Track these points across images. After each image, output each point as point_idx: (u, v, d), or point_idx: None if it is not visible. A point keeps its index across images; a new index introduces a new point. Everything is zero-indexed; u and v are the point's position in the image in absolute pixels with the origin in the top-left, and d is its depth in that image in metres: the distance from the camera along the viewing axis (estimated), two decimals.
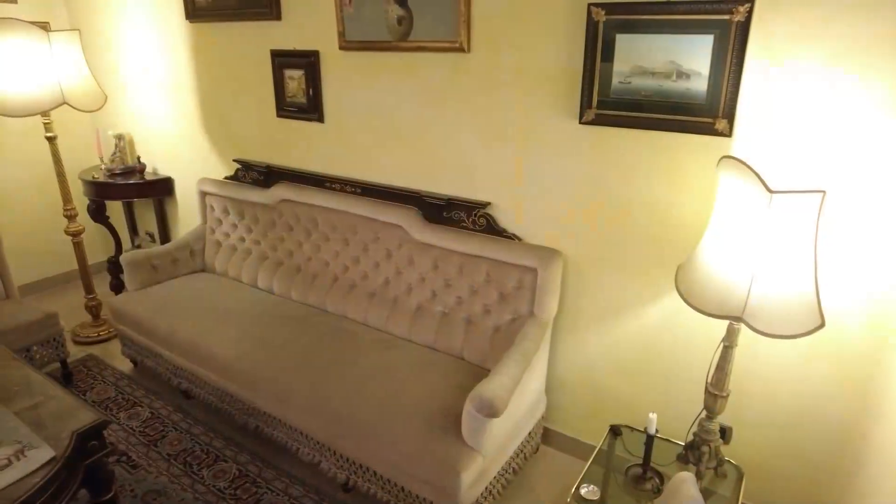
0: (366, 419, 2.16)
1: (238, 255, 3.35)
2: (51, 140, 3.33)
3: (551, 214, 2.39)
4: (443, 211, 2.63)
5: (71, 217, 3.49)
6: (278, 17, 2.97)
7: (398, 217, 2.71)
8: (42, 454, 1.55)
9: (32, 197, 4.17)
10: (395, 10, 2.54)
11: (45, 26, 4.03)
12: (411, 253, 2.68)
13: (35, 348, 3.04)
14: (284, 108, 3.11)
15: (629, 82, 2.10)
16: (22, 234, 4.04)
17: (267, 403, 2.48)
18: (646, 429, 2.00)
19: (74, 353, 3.44)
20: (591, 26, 2.09)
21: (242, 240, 3.35)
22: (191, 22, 3.39)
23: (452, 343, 2.54)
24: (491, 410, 1.93)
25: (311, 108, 2.98)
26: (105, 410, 2.99)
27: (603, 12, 2.06)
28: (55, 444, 1.59)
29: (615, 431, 2.27)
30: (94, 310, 3.67)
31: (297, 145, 3.15)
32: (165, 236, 4.14)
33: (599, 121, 2.17)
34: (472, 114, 2.47)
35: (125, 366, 3.36)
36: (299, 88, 3.00)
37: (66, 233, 3.52)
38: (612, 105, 2.14)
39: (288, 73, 3.02)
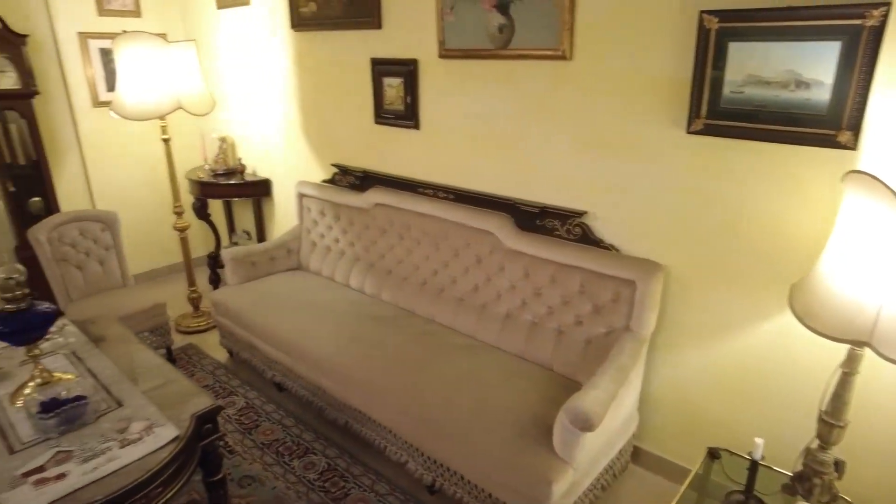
0: (456, 423, 2.18)
1: (332, 256, 3.48)
2: (166, 142, 3.60)
3: (652, 225, 2.33)
4: (536, 219, 2.62)
5: (179, 213, 3.75)
6: (379, 26, 3.07)
7: (490, 224, 2.73)
8: (167, 432, 1.67)
9: (145, 194, 4.52)
10: (497, 19, 2.57)
11: (163, 37, 4.36)
12: (502, 260, 2.69)
13: (146, 335, 3.28)
14: (382, 114, 3.20)
15: (742, 91, 2.02)
16: (136, 228, 4.37)
17: (358, 400, 2.55)
18: (750, 454, 1.90)
19: (177, 341, 3.68)
20: (703, 34, 2.03)
21: (337, 241, 3.48)
22: (296, 31, 3.57)
23: (542, 353, 2.52)
24: (586, 424, 1.90)
25: (408, 115, 3.06)
26: None
27: (716, 20, 2.00)
28: (177, 424, 1.71)
29: (713, 454, 2.17)
30: (195, 301, 3.91)
31: (393, 151, 3.24)
32: (261, 235, 4.36)
33: (708, 131, 2.10)
34: (572, 121, 2.46)
35: (222, 356, 3.56)
36: (397, 96, 3.08)
37: (175, 228, 3.78)
38: (722, 115, 2.06)
39: (387, 80, 3.11)
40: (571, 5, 2.32)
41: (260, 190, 4.16)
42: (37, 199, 3.96)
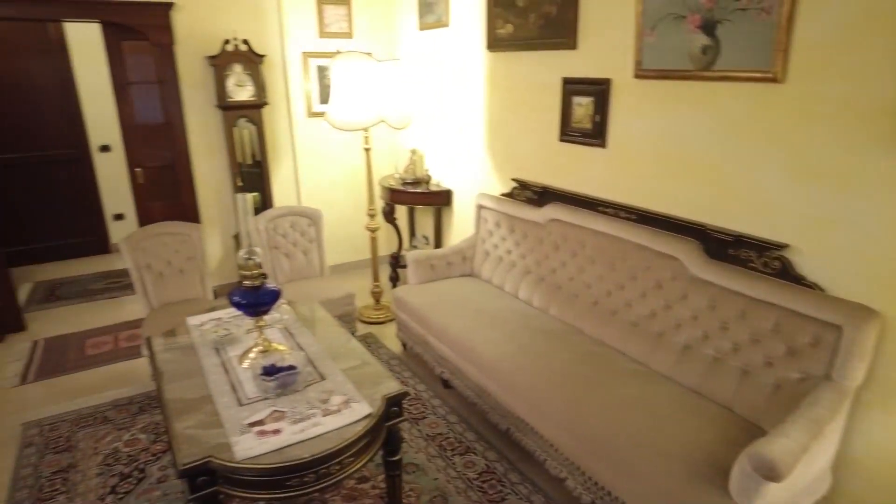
0: (622, 448, 2.14)
1: (504, 266, 3.60)
2: (367, 151, 4.00)
3: (868, 266, 2.08)
4: (728, 248, 2.48)
5: (371, 216, 4.14)
6: (574, 46, 3.12)
7: (675, 249, 2.63)
8: (362, 408, 1.89)
9: (343, 196, 5.06)
10: (701, 39, 2.48)
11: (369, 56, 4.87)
12: (686, 288, 2.58)
13: (335, 320, 3.66)
14: (568, 132, 3.25)
15: None
16: (333, 225, 4.89)
17: (522, 409, 2.61)
18: None
19: (359, 329, 4.05)
20: None
21: (509, 252, 3.59)
22: (490, 51, 3.76)
23: (722, 391, 2.37)
24: (771, 473, 1.76)
25: (596, 134, 3.07)
26: None
27: None
28: (370, 402, 1.91)
29: None
30: (377, 295, 4.29)
31: (576, 169, 3.27)
32: (438, 241, 4.64)
33: None
34: (779, 148, 2.29)
35: (396, 347, 3.85)
36: (586, 114, 3.11)
37: (366, 228, 4.18)
38: None
39: (576, 99, 3.15)
40: (788, 26, 2.17)
41: (442, 199, 4.44)
42: (256, 193, 4.63)
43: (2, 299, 4.26)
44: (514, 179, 3.69)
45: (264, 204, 4.62)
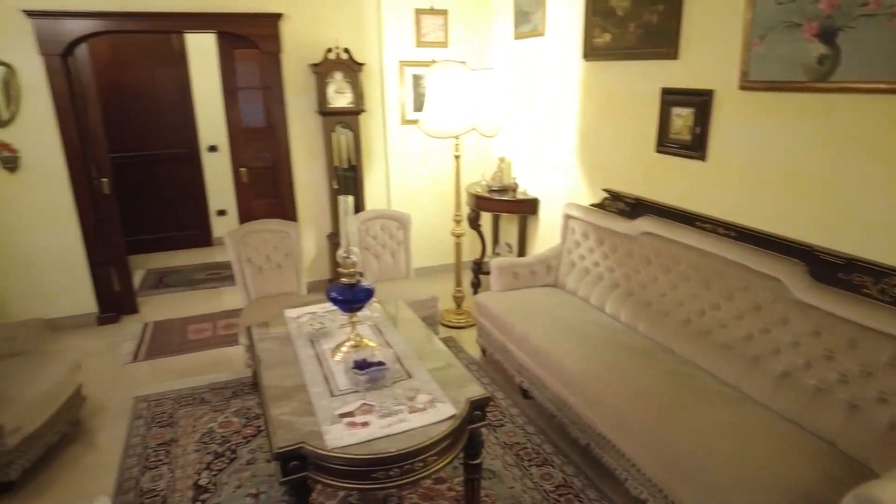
0: (711, 474, 2.05)
1: (590, 278, 3.54)
2: (457, 158, 4.07)
3: None
4: (839, 271, 2.31)
5: (458, 221, 4.20)
6: (675, 56, 3.03)
7: (778, 269, 2.49)
8: (447, 409, 1.93)
9: (430, 201, 5.17)
10: (817, 48, 2.34)
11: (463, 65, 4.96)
12: (787, 311, 2.43)
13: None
14: (665, 144, 3.16)
15: None
16: (419, 228, 5.00)
17: (605, 425, 2.56)
18: None
19: (440, 332, 4.12)
20: None
21: (597, 264, 3.53)
22: (586, 60, 3.73)
23: (825, 424, 2.21)
24: None
25: (695, 146, 2.96)
26: None
27: None
28: (454, 404, 1.95)
29: None
30: (458, 300, 4.34)
31: (672, 181, 3.17)
32: (522, 249, 4.63)
33: None
34: None
35: (476, 352, 3.88)
36: (685, 126, 3.01)
37: (452, 234, 4.24)
38: None
39: (675, 110, 3.06)
40: None
41: (527, 208, 4.43)
42: (350, 196, 4.81)
43: (121, 284, 4.69)
44: (604, 190, 3.63)
45: (357, 207, 4.80)
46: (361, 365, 2.08)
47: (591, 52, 3.66)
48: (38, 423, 2.79)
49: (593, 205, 3.72)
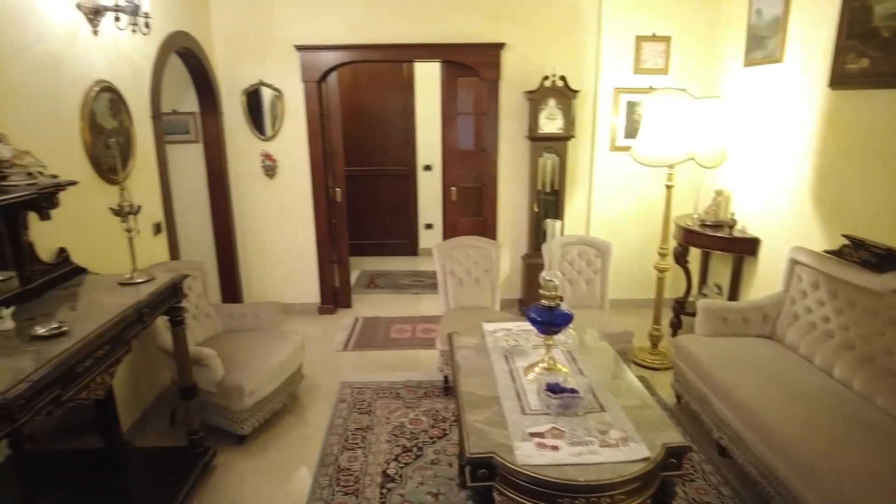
0: None
1: (816, 335, 3.11)
2: (668, 188, 3.88)
3: None
4: None
5: (663, 255, 3.99)
6: None
7: None
8: (640, 450, 1.85)
9: (633, 230, 4.98)
10: None
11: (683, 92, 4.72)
12: None
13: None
14: None
15: None
16: (618, 258, 4.84)
17: None
18: None
19: (632, 371, 3.93)
20: None
21: (827, 320, 3.09)
22: (832, 89, 3.31)
23: None
24: None
25: None
26: None
27: None
28: (649, 446, 1.86)
29: None
30: (655, 339, 4.11)
31: None
32: (733, 293, 4.23)
33: None
34: None
35: (669, 398, 3.63)
36: None
37: (655, 267, 4.04)
38: None
39: None
40: None
41: (745, 247, 4.04)
42: (558, 220, 4.85)
43: (340, 281, 5.33)
44: (844, 236, 3.16)
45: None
46: (554, 389, 2.09)
47: (841, 79, 3.24)
48: (267, 391, 3.29)
49: (828, 251, 3.26)
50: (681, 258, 4.39)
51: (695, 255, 4.66)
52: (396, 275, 6.45)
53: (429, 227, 7.10)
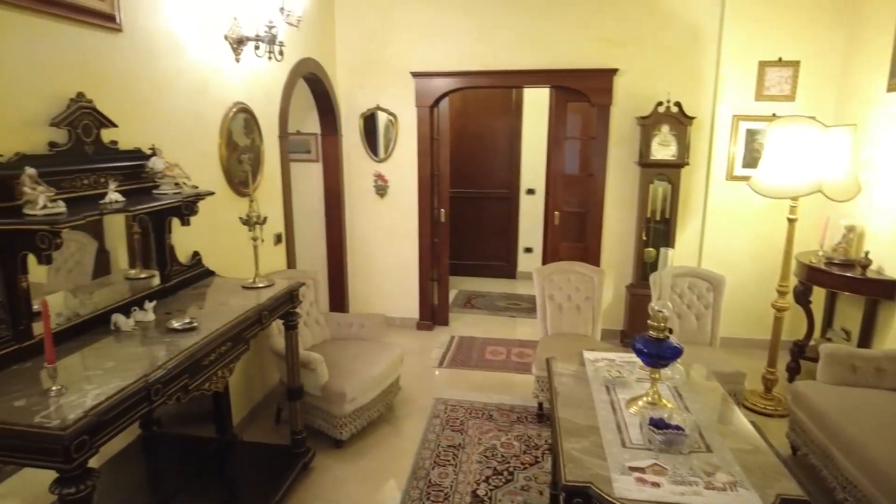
0: None
1: None
2: (791, 222, 3.62)
3: None
4: None
5: (782, 293, 3.71)
6: None
7: None
8: (751, 497, 1.72)
9: (750, 264, 4.68)
10: None
11: (812, 120, 4.40)
12: None
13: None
14: None
15: None
16: (732, 294, 4.55)
17: None
18: None
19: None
20: None
21: None
22: None
23: None
24: None
25: None
26: None
27: None
28: (761, 495, 1.73)
29: None
30: (769, 383, 3.81)
31: None
32: (865, 340, 3.83)
33: None
34: None
35: (783, 448, 3.34)
36: None
37: (773, 306, 3.76)
38: None
39: None
40: None
41: (879, 290, 3.66)
42: (671, 249, 4.67)
43: (439, 298, 5.44)
44: None
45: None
46: (659, 424, 2.01)
47: None
48: (367, 399, 3.42)
49: None
50: (802, 298, 4.05)
51: (819, 295, 4.28)
52: (493, 296, 6.47)
53: (528, 250, 7.07)
